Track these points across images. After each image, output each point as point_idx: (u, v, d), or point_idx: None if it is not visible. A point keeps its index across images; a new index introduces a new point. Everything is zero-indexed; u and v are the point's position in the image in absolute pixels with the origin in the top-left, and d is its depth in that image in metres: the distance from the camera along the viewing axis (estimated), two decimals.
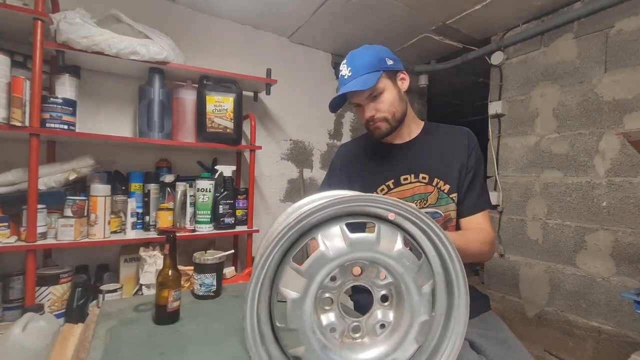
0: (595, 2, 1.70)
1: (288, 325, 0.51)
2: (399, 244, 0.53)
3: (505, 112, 2.15)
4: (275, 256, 0.51)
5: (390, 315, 0.57)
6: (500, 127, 2.19)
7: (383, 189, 1.01)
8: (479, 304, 0.96)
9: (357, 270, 0.57)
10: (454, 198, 0.98)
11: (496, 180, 2.18)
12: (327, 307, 0.56)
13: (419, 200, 0.99)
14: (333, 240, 0.52)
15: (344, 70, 0.97)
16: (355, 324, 0.57)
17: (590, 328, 1.74)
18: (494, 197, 2.14)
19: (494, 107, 2.17)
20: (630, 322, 1.60)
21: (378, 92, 0.96)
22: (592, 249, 1.75)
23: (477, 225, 0.98)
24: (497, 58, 2.15)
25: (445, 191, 0.98)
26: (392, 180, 1.00)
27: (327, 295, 0.56)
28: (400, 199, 0.93)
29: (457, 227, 1.02)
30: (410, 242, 0.56)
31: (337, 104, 1.02)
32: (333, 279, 0.55)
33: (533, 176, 2.01)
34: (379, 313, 0.58)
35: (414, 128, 1.06)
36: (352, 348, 0.56)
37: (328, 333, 0.55)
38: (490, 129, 2.24)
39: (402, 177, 1.00)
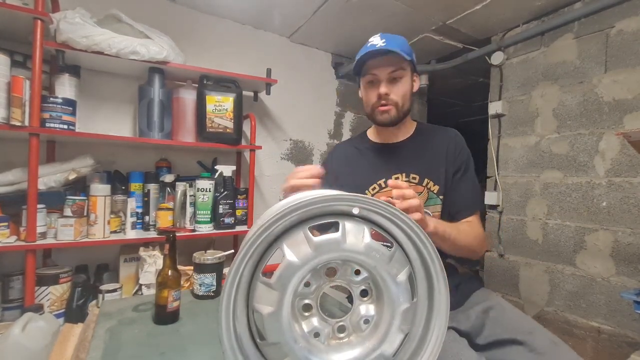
0: (596, 2, 1.70)
1: (268, 340, 0.51)
2: (366, 238, 0.53)
3: (506, 112, 2.15)
4: (244, 272, 0.50)
5: (372, 309, 0.57)
6: (500, 127, 2.19)
7: (375, 188, 1.02)
8: (471, 284, 1.01)
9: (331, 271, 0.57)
10: (442, 199, 1.00)
11: (496, 180, 2.18)
12: (307, 314, 0.56)
13: None
14: (299, 246, 0.51)
15: (376, 40, 0.96)
16: (339, 324, 0.57)
17: (589, 328, 1.74)
18: (493, 197, 2.14)
19: (494, 107, 2.17)
20: (630, 322, 1.60)
21: (400, 75, 0.97)
22: (592, 249, 1.75)
23: (468, 223, 0.99)
24: (497, 58, 2.15)
25: (435, 192, 0.99)
26: (384, 179, 1.01)
27: (305, 301, 0.55)
28: (391, 197, 0.93)
29: None
30: (380, 233, 0.56)
31: (358, 66, 1.01)
32: (307, 284, 0.55)
33: (533, 176, 2.01)
34: (361, 309, 0.58)
35: (408, 128, 1.08)
36: (338, 349, 0.56)
37: (312, 339, 0.55)
38: (490, 129, 2.24)
39: (393, 177, 1.01)
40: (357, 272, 0.57)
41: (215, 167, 1.83)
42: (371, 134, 1.14)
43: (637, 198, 1.60)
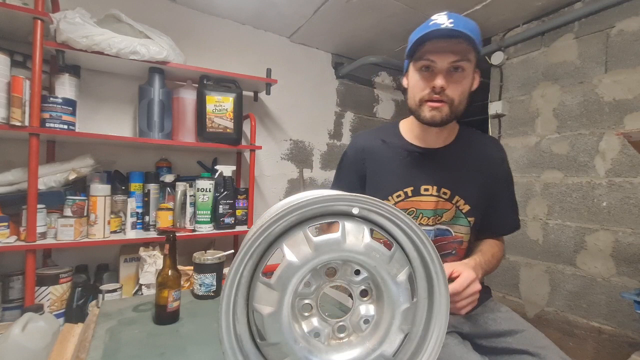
0: (596, 2, 1.70)
1: (268, 340, 0.51)
2: (366, 238, 0.53)
3: (506, 112, 2.15)
4: (244, 272, 0.50)
5: (372, 309, 0.57)
6: (501, 127, 2.19)
7: (400, 195, 0.91)
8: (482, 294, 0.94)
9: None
10: (470, 221, 0.90)
11: None
12: (307, 314, 0.56)
13: (434, 217, 0.90)
14: (299, 246, 0.51)
15: (441, 18, 0.78)
16: (340, 324, 0.57)
17: (590, 328, 1.74)
18: None
19: (494, 107, 2.17)
20: (630, 322, 1.59)
21: (463, 66, 0.79)
22: (592, 249, 1.75)
23: (493, 240, 0.95)
24: (497, 58, 2.15)
25: (464, 211, 0.90)
26: (412, 188, 0.90)
27: (305, 301, 0.55)
28: (416, 209, 0.90)
29: (469, 253, 0.93)
30: (380, 233, 0.56)
31: (413, 48, 0.82)
32: (307, 284, 0.55)
33: (533, 176, 2.01)
34: (361, 309, 0.58)
35: (450, 132, 0.93)
36: (338, 349, 0.56)
37: (312, 339, 0.54)
38: (490, 129, 2.24)
39: (422, 187, 0.89)
40: (357, 272, 0.56)
41: (215, 167, 1.83)
42: (405, 131, 0.96)
43: (638, 198, 1.60)
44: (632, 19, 1.63)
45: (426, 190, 0.90)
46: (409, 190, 0.90)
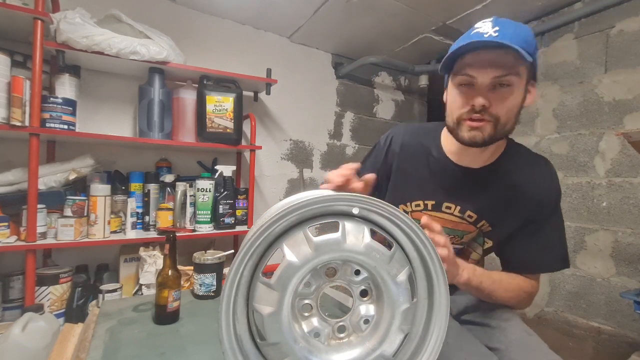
0: (596, 2, 1.70)
1: (268, 340, 0.51)
2: (366, 238, 0.53)
3: None
4: (244, 273, 0.51)
5: (372, 310, 0.57)
6: None
7: (419, 205, 0.85)
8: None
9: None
10: (487, 242, 0.85)
11: None
12: (307, 314, 0.56)
13: (454, 237, 0.85)
14: (300, 246, 0.51)
15: (486, 27, 0.68)
16: (339, 324, 0.57)
17: (590, 328, 1.74)
18: None
19: None
20: (630, 323, 1.60)
21: (510, 82, 0.67)
22: (592, 249, 1.75)
23: (524, 278, 0.82)
24: None
25: (484, 232, 0.83)
26: (433, 202, 0.84)
27: (305, 301, 0.56)
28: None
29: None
30: (380, 233, 0.56)
31: (449, 63, 0.73)
32: (307, 284, 0.55)
33: None
34: (361, 309, 0.58)
35: (495, 152, 0.81)
36: (338, 349, 0.56)
37: (312, 339, 0.55)
38: None
39: (445, 204, 0.83)
40: (357, 272, 0.57)
41: (215, 167, 1.83)
42: (446, 141, 0.86)
43: (637, 198, 1.60)
44: (632, 19, 1.63)
45: (448, 208, 0.83)
46: (429, 203, 0.85)
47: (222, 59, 2.05)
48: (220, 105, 1.74)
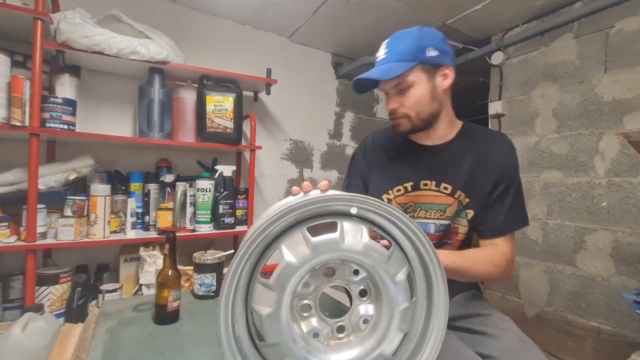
0: (596, 2, 1.70)
1: (267, 341, 0.51)
2: (364, 238, 0.53)
3: (505, 112, 2.15)
4: (243, 273, 0.51)
5: (371, 309, 0.57)
6: (500, 127, 2.19)
7: (400, 190, 0.94)
8: (460, 284, 0.91)
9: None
10: (468, 214, 0.91)
11: None
12: (306, 314, 0.56)
13: (436, 211, 0.92)
14: (298, 247, 0.51)
15: (381, 50, 0.90)
16: (338, 324, 0.57)
17: (589, 328, 1.74)
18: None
19: (494, 107, 2.17)
20: (630, 322, 1.60)
21: (406, 85, 0.86)
22: (591, 249, 1.75)
23: (494, 246, 0.90)
24: (497, 58, 2.15)
25: (464, 204, 0.91)
26: (411, 183, 0.93)
27: (304, 302, 0.55)
28: (415, 203, 0.92)
29: (466, 243, 0.95)
30: (378, 233, 0.56)
31: (365, 86, 0.93)
32: (306, 285, 0.55)
33: (533, 176, 2.01)
34: (360, 309, 0.58)
35: (449, 130, 0.95)
36: (337, 349, 0.56)
37: (311, 339, 0.55)
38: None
39: (422, 182, 0.92)
40: (356, 272, 0.57)
41: (215, 167, 1.83)
42: None
43: (637, 198, 1.60)
44: (632, 19, 1.63)
45: (425, 185, 0.92)
46: (408, 185, 0.93)
47: (222, 59, 2.05)
48: (220, 105, 1.74)
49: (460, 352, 0.77)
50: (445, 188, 0.91)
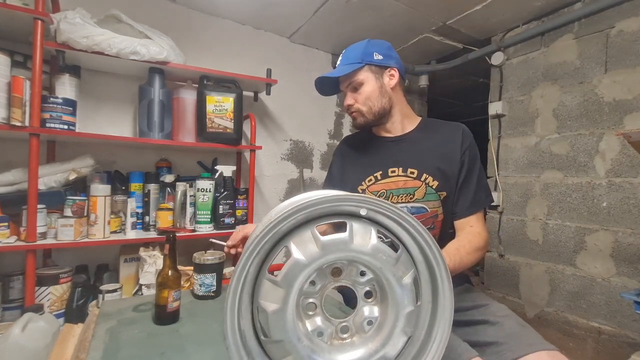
0: (596, 2, 1.70)
1: (272, 338, 0.51)
2: (373, 239, 0.53)
3: (506, 113, 2.15)
4: (250, 270, 0.50)
5: (376, 311, 0.57)
6: (501, 128, 2.19)
7: (371, 180, 1.04)
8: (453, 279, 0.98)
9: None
10: (441, 195, 0.99)
11: (496, 181, 2.18)
12: (311, 313, 0.56)
13: (405, 195, 1.00)
14: (306, 245, 0.51)
15: (339, 59, 1.09)
16: (343, 324, 0.57)
17: (590, 328, 1.74)
18: (494, 198, 2.14)
19: (494, 108, 2.17)
20: (630, 323, 1.60)
21: (356, 83, 1.02)
22: (592, 249, 1.75)
23: (470, 228, 0.98)
24: (497, 58, 2.15)
25: (434, 187, 0.98)
26: (380, 172, 1.03)
27: (310, 300, 0.55)
28: (386, 190, 0.99)
29: (447, 225, 1.03)
30: (387, 235, 0.56)
31: (326, 89, 1.12)
32: (313, 283, 0.55)
33: (533, 176, 2.01)
34: (365, 310, 0.58)
35: (407, 123, 1.08)
36: (341, 349, 0.56)
37: (315, 338, 0.55)
38: (490, 130, 2.24)
39: (389, 170, 1.02)
40: (363, 273, 0.56)
41: (215, 167, 1.83)
42: (376, 127, 1.15)
43: (638, 198, 1.60)
44: (632, 19, 1.63)
45: (393, 172, 1.02)
46: (378, 174, 1.03)
47: (222, 59, 2.05)
48: (220, 105, 1.74)
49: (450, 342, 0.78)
50: (412, 172, 1.00)
